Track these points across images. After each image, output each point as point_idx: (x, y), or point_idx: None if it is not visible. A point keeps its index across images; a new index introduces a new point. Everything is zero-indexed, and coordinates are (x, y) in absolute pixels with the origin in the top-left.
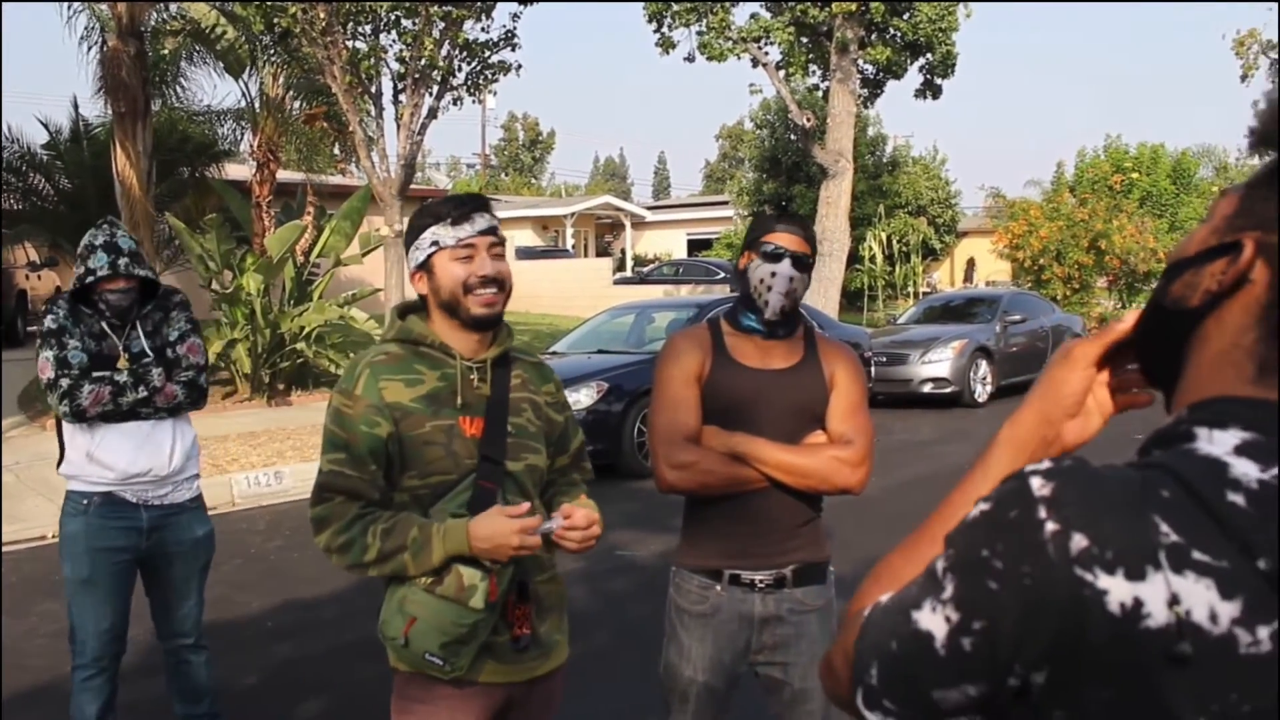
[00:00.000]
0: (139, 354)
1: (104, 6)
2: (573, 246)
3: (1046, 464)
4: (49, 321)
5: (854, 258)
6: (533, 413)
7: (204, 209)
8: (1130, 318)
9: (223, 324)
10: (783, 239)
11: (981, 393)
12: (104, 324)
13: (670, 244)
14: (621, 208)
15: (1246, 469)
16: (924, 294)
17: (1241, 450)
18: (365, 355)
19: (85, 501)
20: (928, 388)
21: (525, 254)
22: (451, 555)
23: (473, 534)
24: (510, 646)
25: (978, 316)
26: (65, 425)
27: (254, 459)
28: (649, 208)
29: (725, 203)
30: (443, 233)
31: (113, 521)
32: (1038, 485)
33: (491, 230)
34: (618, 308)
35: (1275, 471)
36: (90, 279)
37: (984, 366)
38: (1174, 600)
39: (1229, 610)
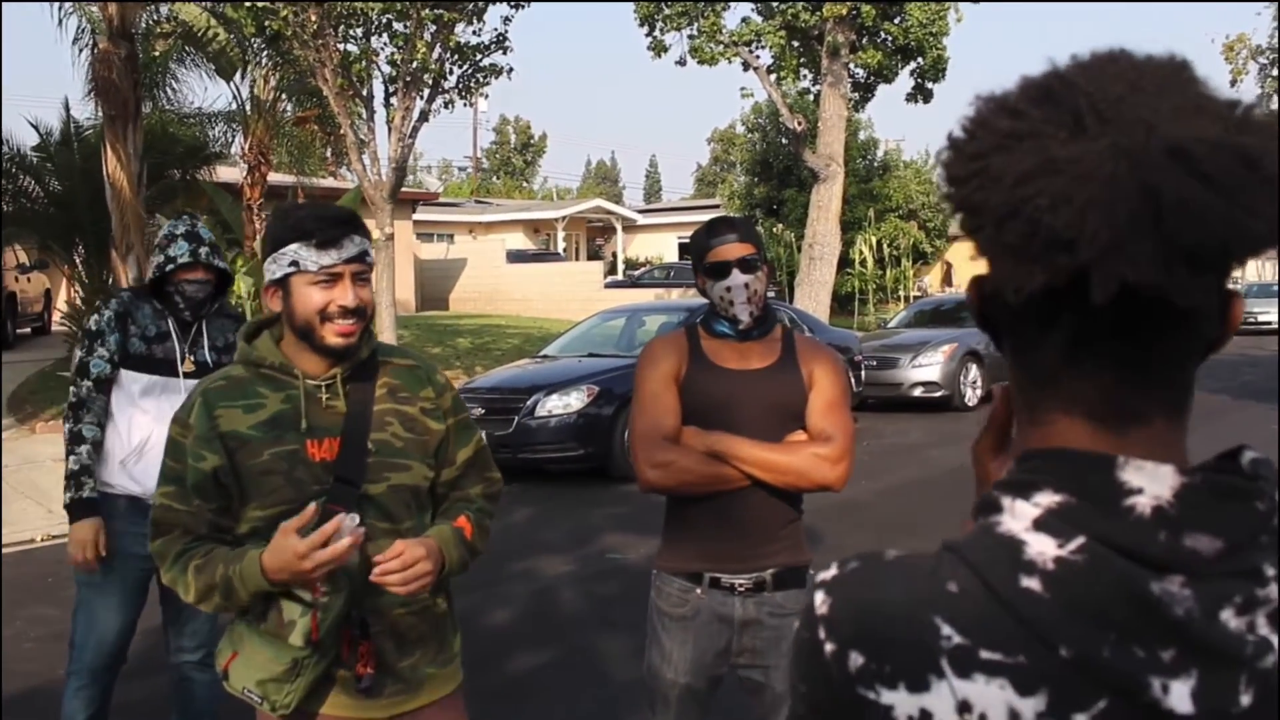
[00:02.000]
0: (201, 364)
1: (95, 8)
2: (564, 250)
3: (833, 571)
4: (91, 321)
5: (845, 261)
6: (400, 425)
7: (194, 211)
8: (998, 392)
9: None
10: (721, 252)
11: (972, 396)
12: (172, 323)
13: (662, 247)
14: (613, 211)
15: (1043, 547)
16: (914, 298)
17: (1040, 524)
18: (204, 381)
19: (113, 503)
20: (918, 392)
21: (516, 257)
22: (256, 589)
23: (265, 567)
24: (354, 685)
25: (968, 320)
26: (108, 428)
27: None
28: (640, 211)
29: (717, 206)
30: (305, 254)
31: (138, 529)
32: (819, 601)
33: (360, 256)
34: (609, 311)
35: (1077, 543)
36: (170, 267)
37: (974, 370)
38: (965, 708)
39: (1031, 706)
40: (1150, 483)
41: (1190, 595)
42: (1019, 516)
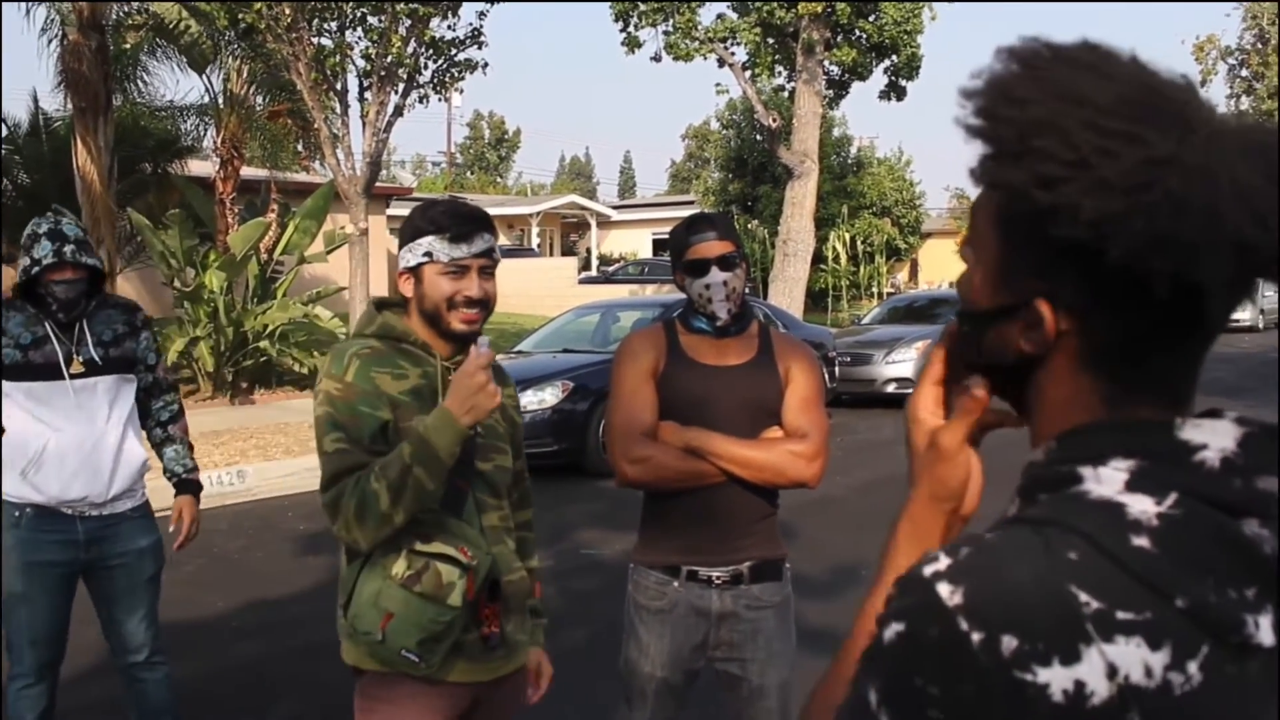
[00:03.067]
0: (88, 361)
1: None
2: (538, 245)
3: (944, 561)
4: None
5: (819, 258)
6: (499, 414)
7: (166, 205)
8: (980, 391)
9: (185, 322)
10: (701, 249)
11: None
12: (49, 325)
13: (636, 243)
14: (587, 207)
15: (1144, 506)
16: (887, 294)
17: (1133, 485)
18: (349, 347)
19: (17, 514)
20: (891, 388)
21: None
22: (451, 440)
23: (453, 410)
24: (480, 645)
25: (941, 317)
26: (2, 440)
27: (216, 458)
28: (614, 207)
29: (691, 202)
30: (439, 246)
31: (46, 535)
32: (947, 593)
33: (487, 253)
34: (583, 307)
35: (1172, 499)
36: (35, 269)
37: None
38: (1112, 671)
39: (1160, 660)
40: (1212, 437)
41: (1270, 535)
42: (1107, 482)
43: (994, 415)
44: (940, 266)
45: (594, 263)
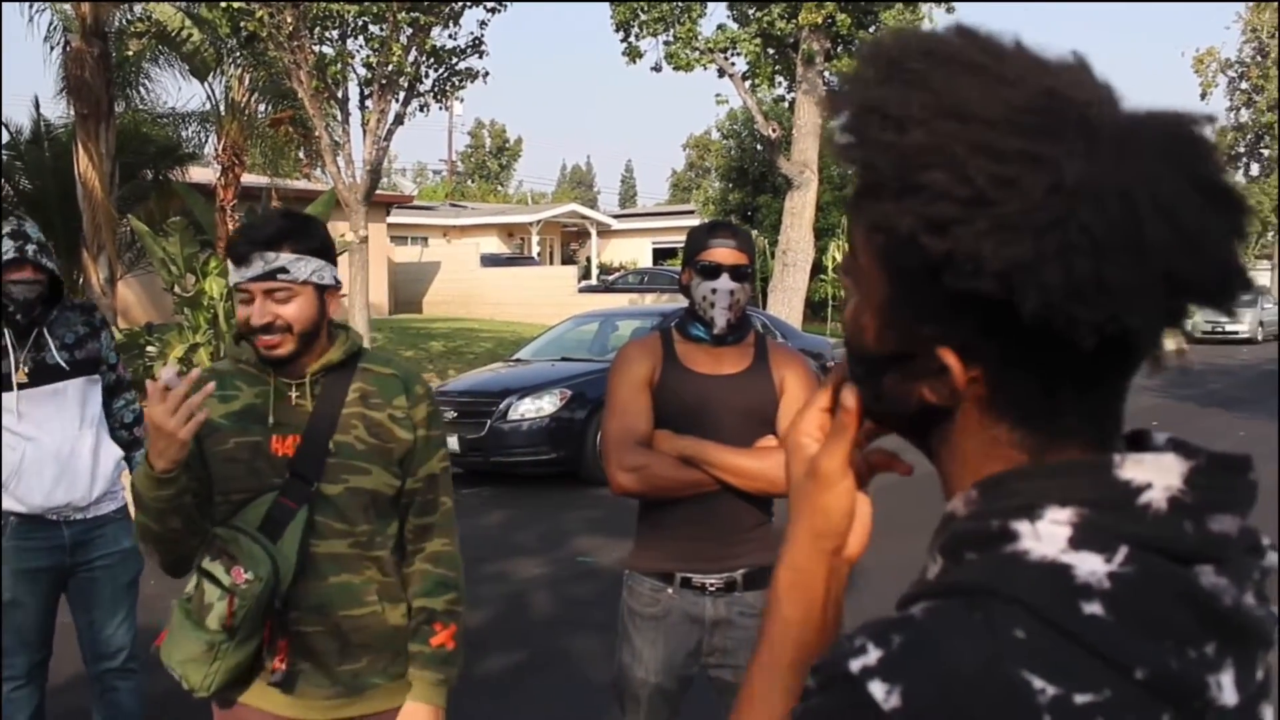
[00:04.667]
0: (51, 366)
1: (67, 6)
2: (538, 254)
3: (874, 654)
4: None
5: (818, 268)
6: (365, 430)
7: (167, 212)
8: (851, 402)
9: (185, 328)
10: (717, 254)
11: None
12: (8, 334)
13: (636, 252)
14: (588, 216)
15: (1092, 566)
16: None
17: (1077, 542)
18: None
19: (1, 524)
20: None
21: (490, 261)
22: (148, 485)
23: (149, 454)
24: (270, 678)
25: None
26: None
27: None
28: (615, 216)
29: (691, 212)
30: (231, 269)
31: (33, 542)
32: (882, 695)
33: (269, 275)
34: (582, 315)
35: (1123, 554)
36: None
37: None
38: None
39: None
40: (1156, 474)
41: (1227, 583)
42: (1047, 539)
43: (881, 454)
44: None
45: (594, 271)
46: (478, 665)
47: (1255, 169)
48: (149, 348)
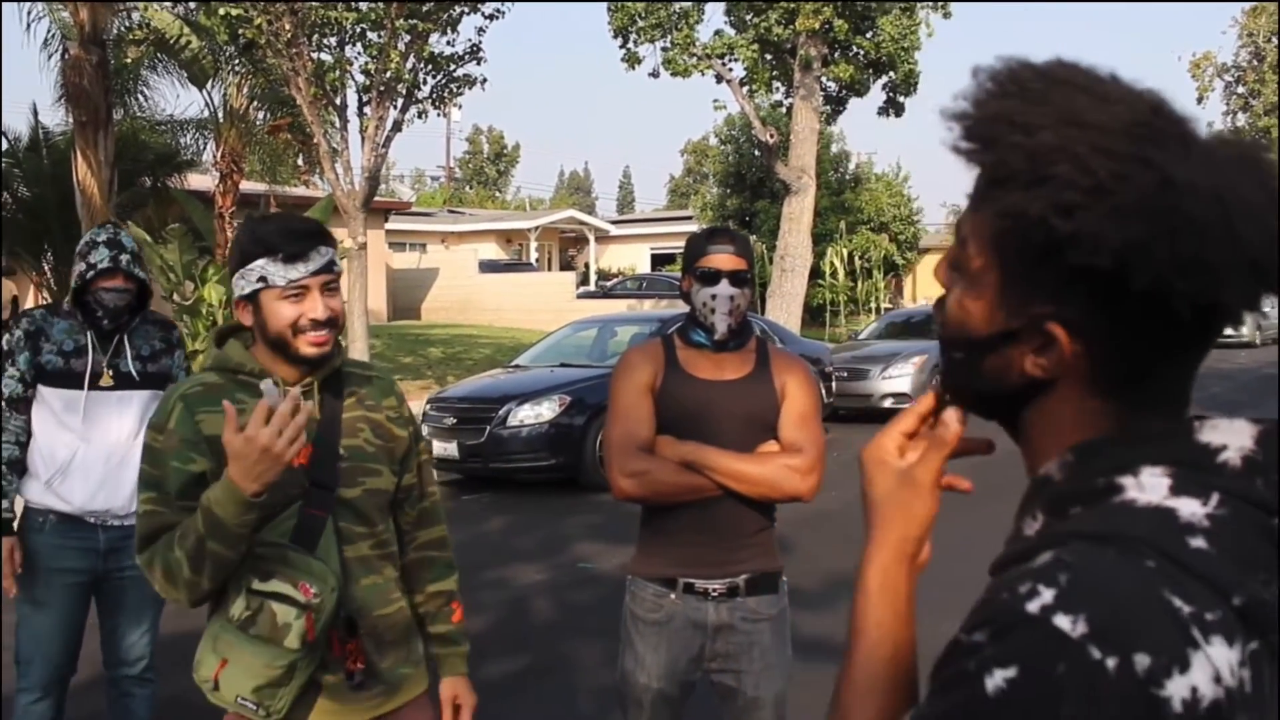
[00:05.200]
0: (124, 374)
1: (66, 14)
2: (536, 260)
3: (1049, 594)
4: (3, 340)
5: (816, 273)
6: (371, 432)
7: (166, 219)
8: (954, 422)
9: (184, 335)
10: (717, 260)
11: None
12: (91, 335)
13: (634, 258)
14: (586, 221)
15: (1193, 509)
16: (885, 309)
17: (1176, 489)
18: (178, 387)
19: (41, 519)
20: (889, 403)
21: (488, 267)
22: (237, 512)
23: (236, 479)
24: (344, 685)
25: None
26: (30, 446)
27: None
28: (613, 222)
29: (690, 217)
30: (272, 270)
31: (69, 541)
32: (1068, 625)
33: (327, 267)
34: (581, 322)
35: (1216, 499)
36: (90, 274)
37: None
38: (1216, 675)
39: (1236, 658)
40: (1231, 437)
41: None
42: (1151, 489)
43: (966, 443)
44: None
45: (592, 277)
46: (478, 671)
47: None
48: None
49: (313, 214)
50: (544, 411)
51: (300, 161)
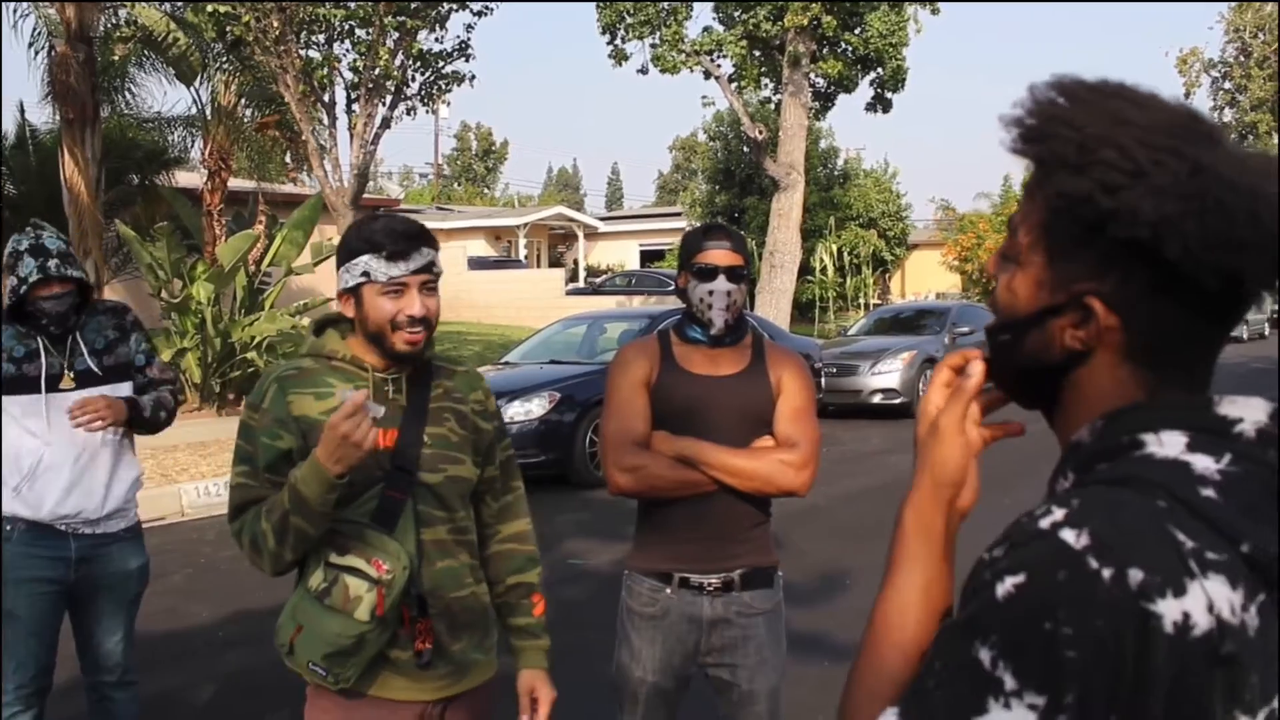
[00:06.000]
0: (83, 372)
1: (52, 11)
2: (525, 257)
3: (1059, 512)
4: None
5: (805, 269)
6: (456, 422)
7: (154, 217)
8: (977, 369)
9: (172, 333)
10: (713, 256)
11: None
12: (41, 340)
13: (623, 255)
14: (574, 218)
15: (1206, 464)
16: (874, 305)
17: (1193, 446)
18: (275, 369)
19: (9, 528)
20: (877, 399)
21: (477, 264)
22: (321, 490)
23: (321, 460)
24: (413, 662)
25: (927, 328)
26: None
27: (204, 468)
28: (602, 218)
29: (678, 214)
30: (376, 265)
31: (38, 550)
32: (1072, 537)
33: (427, 268)
34: (570, 318)
35: (1229, 458)
36: (23, 289)
37: None
38: (1210, 605)
39: (1238, 599)
40: (1247, 412)
41: None
42: (1169, 445)
43: (993, 426)
44: (924, 278)
45: (581, 274)
46: None
47: None
48: None
49: (302, 212)
50: (533, 408)
51: (289, 159)
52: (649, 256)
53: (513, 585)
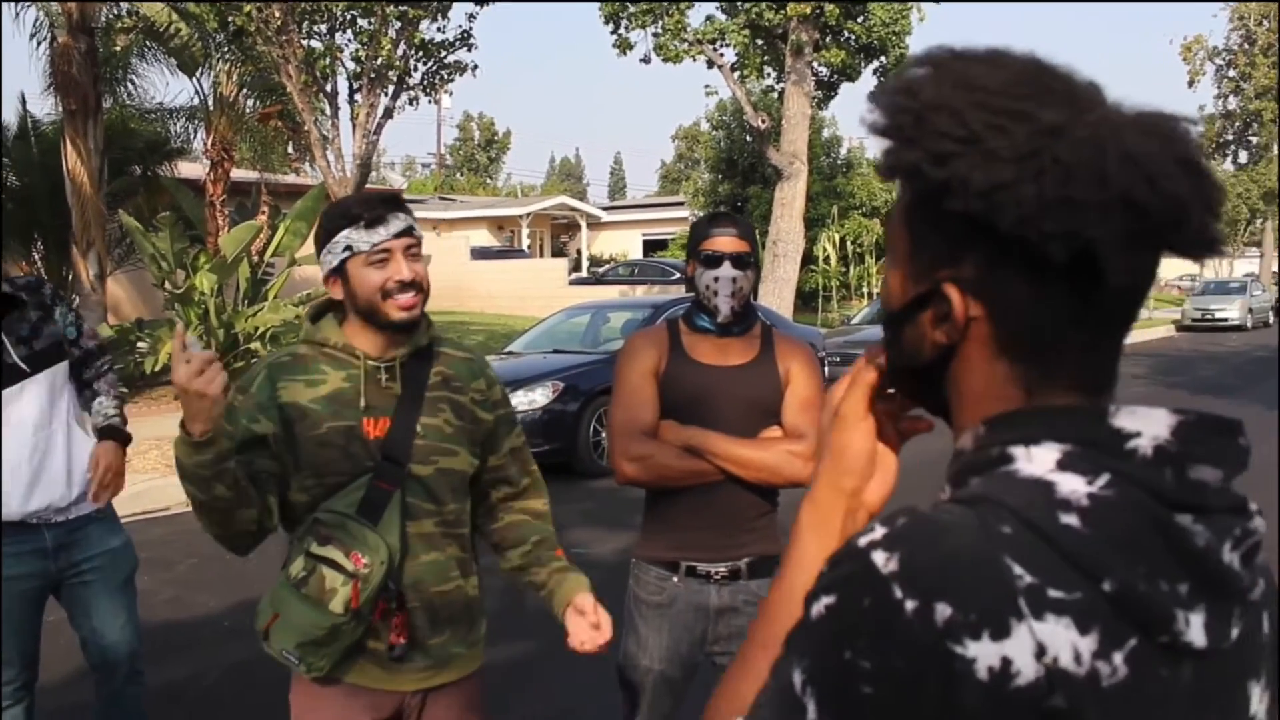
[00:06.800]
0: (9, 368)
1: (54, 2)
2: (528, 247)
3: (880, 531)
4: None
5: (808, 259)
6: (452, 413)
7: (156, 208)
8: (881, 359)
9: (176, 324)
10: (719, 243)
11: None
12: None
13: (626, 244)
14: (577, 208)
15: (1074, 485)
16: (877, 294)
17: (1065, 465)
18: (269, 356)
19: None
20: None
21: (481, 254)
22: (185, 452)
23: (184, 420)
24: (386, 654)
25: None
26: None
27: None
28: (605, 208)
29: (681, 203)
30: (356, 237)
31: (12, 548)
32: (882, 560)
33: (408, 231)
34: (573, 308)
35: (1104, 479)
36: None
37: None
38: (1040, 651)
39: (1088, 645)
40: (1146, 425)
41: (1203, 529)
42: (1038, 461)
43: (910, 420)
44: None
45: (584, 264)
46: None
47: (1244, 157)
48: (140, 344)
49: (304, 202)
50: (537, 398)
51: (291, 149)
52: (652, 246)
53: (537, 542)
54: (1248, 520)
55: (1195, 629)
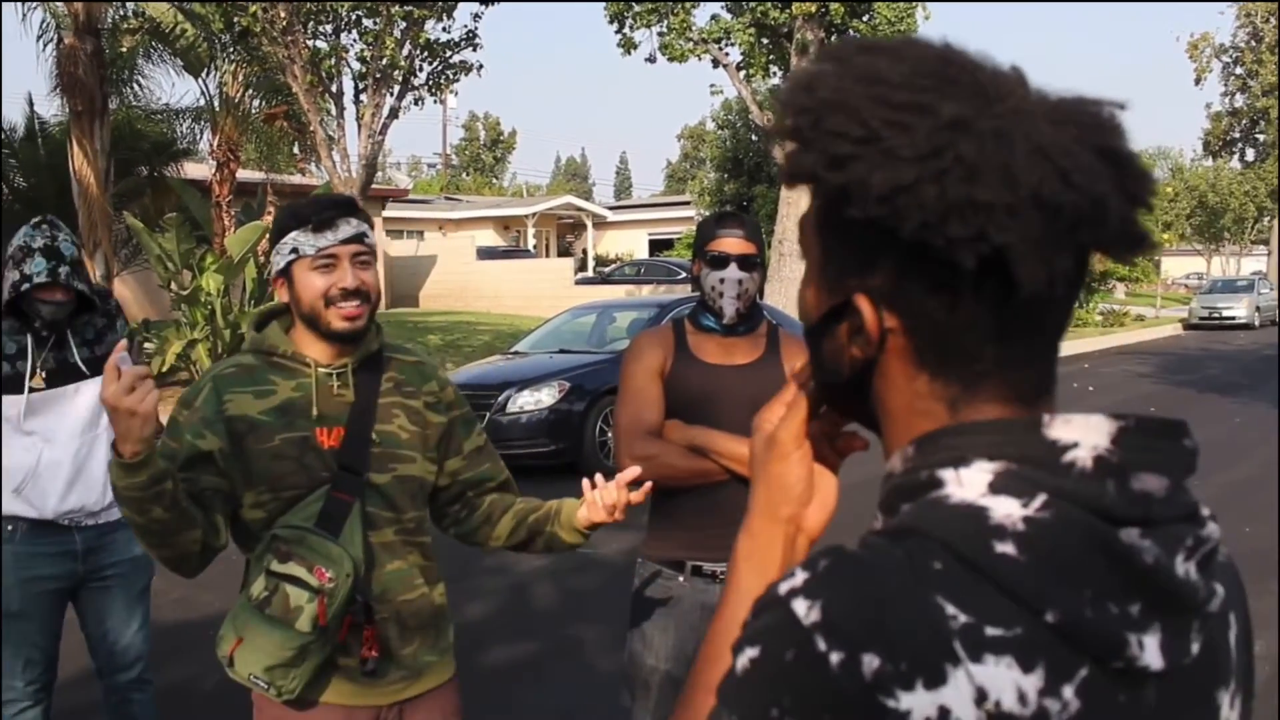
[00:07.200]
0: (70, 367)
1: (60, 4)
2: (534, 246)
3: (800, 577)
4: None
5: None
6: (406, 419)
7: (163, 208)
8: (801, 372)
9: (182, 324)
10: (725, 244)
11: None
12: (29, 337)
13: (632, 244)
14: (583, 208)
15: (1008, 510)
16: None
17: (997, 487)
18: (214, 367)
19: (10, 528)
20: None
21: (487, 254)
22: (117, 475)
23: (116, 444)
24: (358, 669)
25: None
26: None
27: None
28: (611, 208)
29: (687, 203)
30: (303, 239)
31: (42, 548)
32: (804, 610)
33: (358, 238)
34: (579, 308)
35: (1040, 500)
36: (25, 287)
37: None
38: (981, 696)
39: (1033, 683)
40: (1084, 434)
41: (1150, 544)
42: (969, 485)
43: (845, 437)
44: None
45: (590, 263)
46: (482, 657)
47: (1250, 154)
48: (146, 345)
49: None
50: (543, 397)
51: (297, 150)
52: (658, 245)
53: (523, 502)
54: (1200, 527)
55: (1150, 651)
